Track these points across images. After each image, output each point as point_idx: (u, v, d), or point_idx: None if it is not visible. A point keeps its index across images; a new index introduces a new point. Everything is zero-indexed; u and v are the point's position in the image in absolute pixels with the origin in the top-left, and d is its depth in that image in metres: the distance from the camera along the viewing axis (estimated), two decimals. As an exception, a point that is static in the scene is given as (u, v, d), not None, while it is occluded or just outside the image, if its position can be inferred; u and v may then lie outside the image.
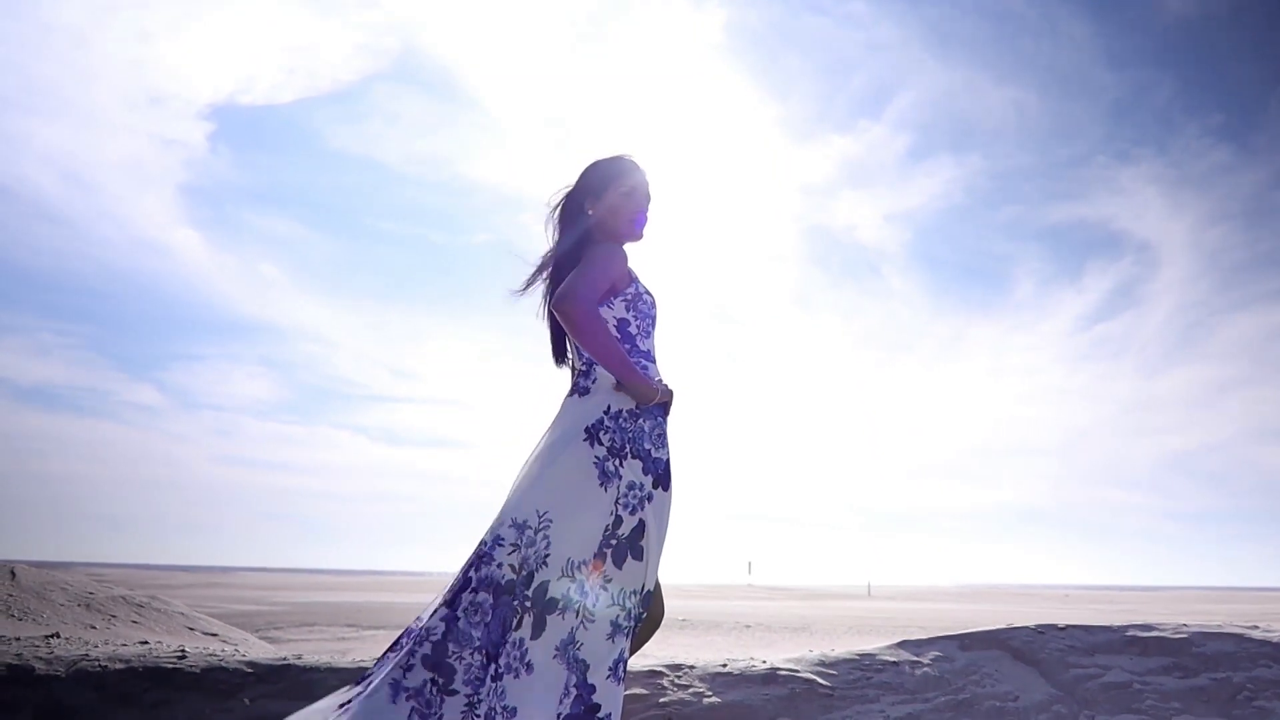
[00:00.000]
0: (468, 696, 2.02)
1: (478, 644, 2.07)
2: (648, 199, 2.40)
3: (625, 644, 2.13)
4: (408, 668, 2.04)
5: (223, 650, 3.37)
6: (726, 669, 3.09)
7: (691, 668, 3.09)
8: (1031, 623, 3.55)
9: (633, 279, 2.34)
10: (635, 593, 2.15)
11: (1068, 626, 3.53)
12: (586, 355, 2.28)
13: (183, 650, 3.23)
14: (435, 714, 2.01)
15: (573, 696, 2.03)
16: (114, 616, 5.03)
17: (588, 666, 2.06)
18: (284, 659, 3.18)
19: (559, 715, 2.01)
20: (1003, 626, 3.51)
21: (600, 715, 2.02)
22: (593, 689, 2.04)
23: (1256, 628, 3.72)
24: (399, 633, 2.22)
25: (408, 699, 2.01)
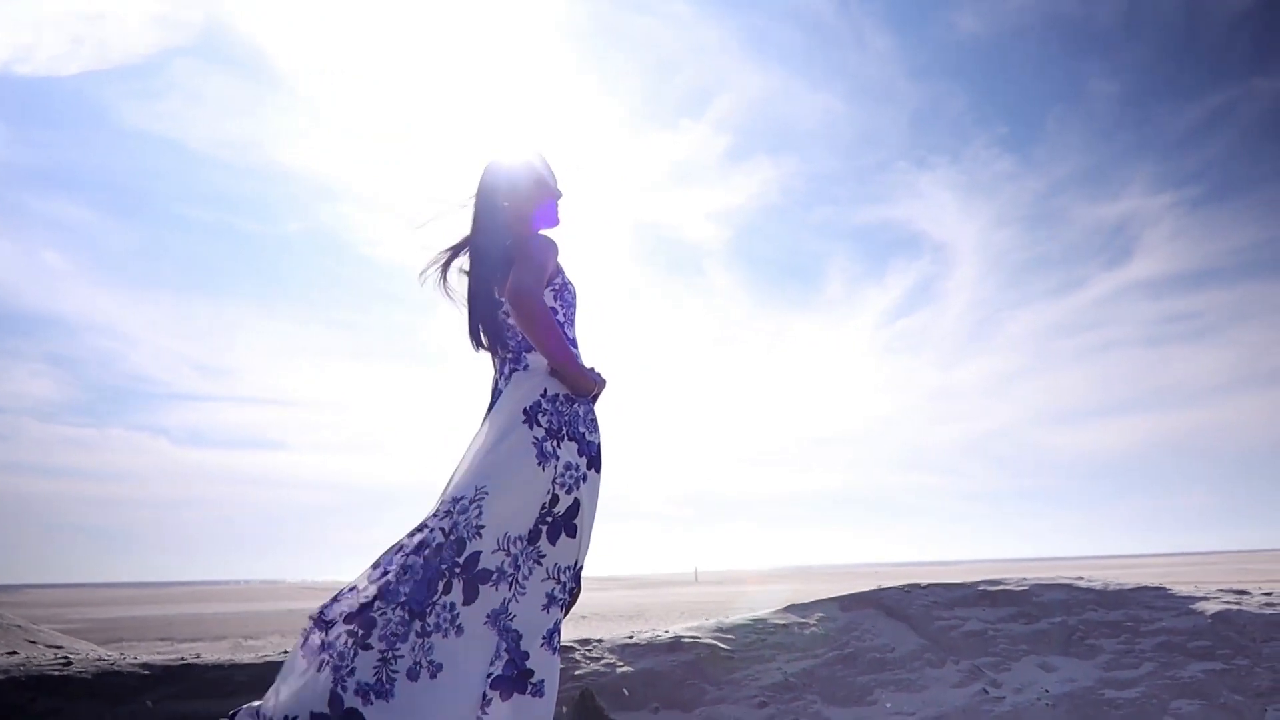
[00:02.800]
0: (381, 652, 2.05)
1: (403, 599, 2.10)
2: (558, 187, 2.51)
3: (559, 615, 2.24)
4: (328, 624, 2.07)
5: (108, 655, 3.22)
6: (633, 640, 3.25)
7: (600, 641, 3.24)
8: (901, 584, 3.93)
9: (559, 269, 2.44)
10: (568, 568, 2.26)
11: (930, 585, 3.93)
12: (517, 342, 2.36)
13: (66, 657, 3.07)
14: (349, 667, 2.04)
15: (504, 660, 2.11)
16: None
17: (520, 635, 2.15)
18: (182, 659, 3.09)
19: (489, 675, 2.10)
20: (875, 588, 3.86)
21: (534, 680, 2.12)
22: (526, 655, 2.14)
23: (1081, 578, 4.25)
24: (219, 642, 2.22)
25: (321, 650, 2.03)
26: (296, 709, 2.00)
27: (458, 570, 2.14)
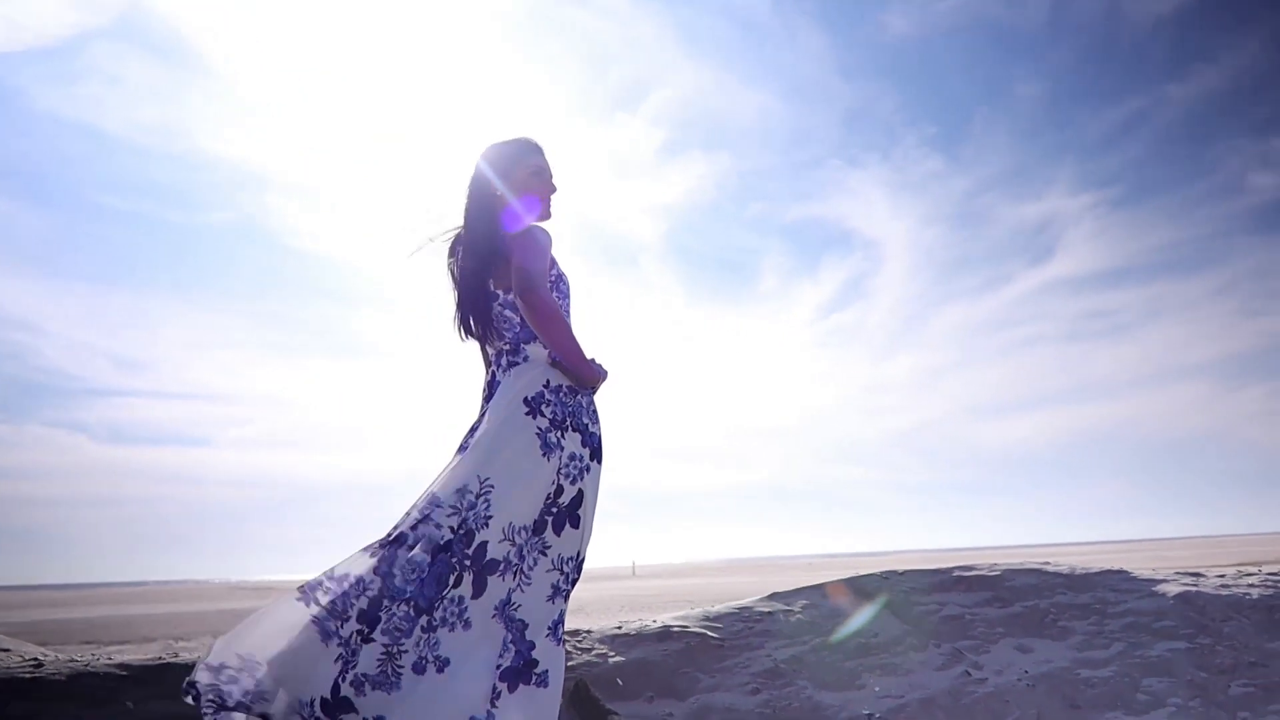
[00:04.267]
0: (385, 646, 2.03)
1: (408, 597, 2.07)
2: (553, 179, 2.48)
3: (564, 606, 2.24)
4: (344, 617, 2.01)
5: (80, 656, 3.10)
6: (623, 630, 3.25)
7: (589, 632, 3.23)
8: (878, 570, 3.99)
9: (554, 261, 2.42)
10: (572, 559, 2.25)
11: (907, 571, 4.00)
12: (514, 334, 2.34)
13: (37, 659, 2.95)
14: (354, 661, 2.02)
15: (511, 652, 2.11)
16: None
17: (525, 625, 2.15)
18: (160, 658, 2.99)
19: (498, 667, 2.09)
20: (854, 575, 3.92)
21: (539, 670, 2.12)
22: (531, 645, 2.13)
23: (1048, 563, 4.37)
24: (148, 644, 2.15)
25: (338, 645, 2.00)
26: (313, 691, 1.97)
27: (468, 563, 2.12)
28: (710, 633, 3.28)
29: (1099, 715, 3.16)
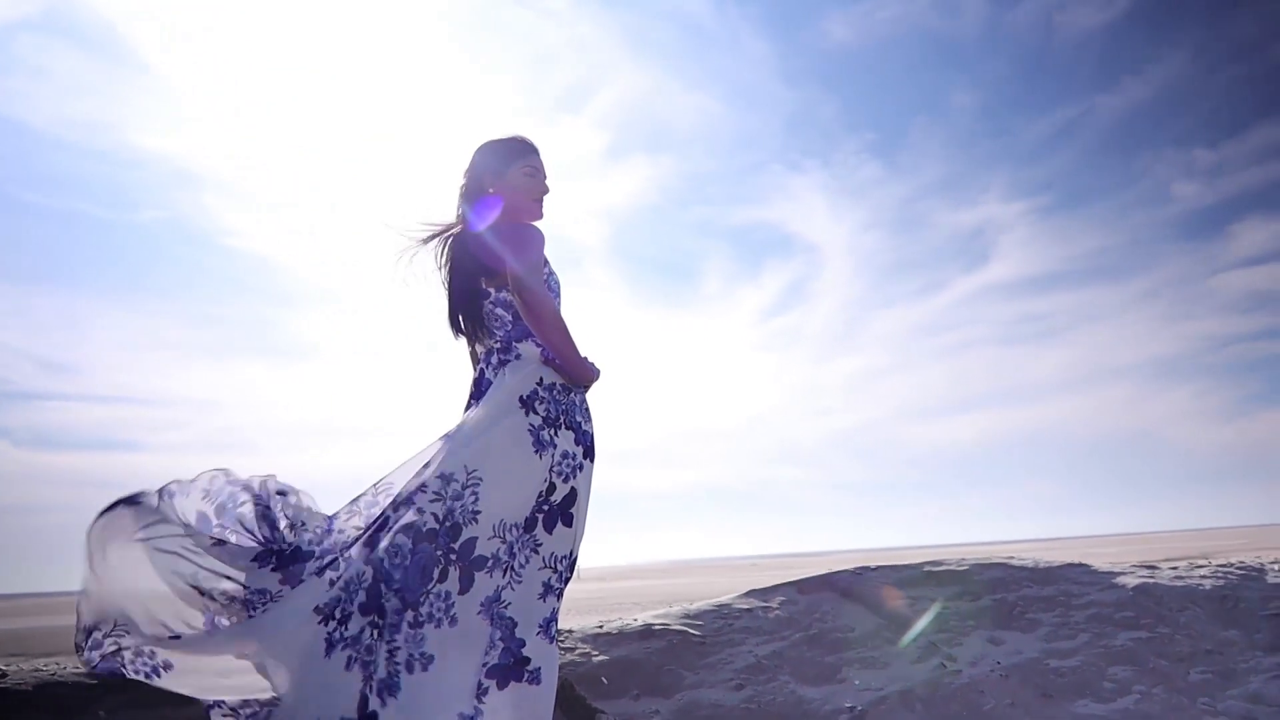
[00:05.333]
0: (388, 643, 2.00)
1: (396, 585, 2.04)
2: (546, 179, 2.47)
3: (556, 605, 2.22)
4: (344, 619, 1.95)
5: (44, 665, 3.00)
6: (604, 629, 3.24)
7: (571, 631, 3.22)
8: (851, 567, 4.05)
9: (546, 260, 2.41)
10: (564, 557, 2.24)
11: (879, 567, 4.07)
12: (506, 332, 2.32)
13: (1, 670, 2.84)
14: (374, 663, 1.95)
15: (499, 649, 2.08)
16: None
17: (515, 623, 2.12)
18: (131, 666, 2.90)
19: (484, 665, 2.06)
20: (828, 572, 3.97)
21: (530, 668, 2.09)
22: (522, 643, 2.11)
23: (1013, 558, 4.48)
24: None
25: (344, 648, 1.93)
26: (325, 712, 1.90)
27: (454, 557, 2.09)
28: (691, 630, 3.30)
29: (1070, 703, 3.25)
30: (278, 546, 2.07)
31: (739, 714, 2.87)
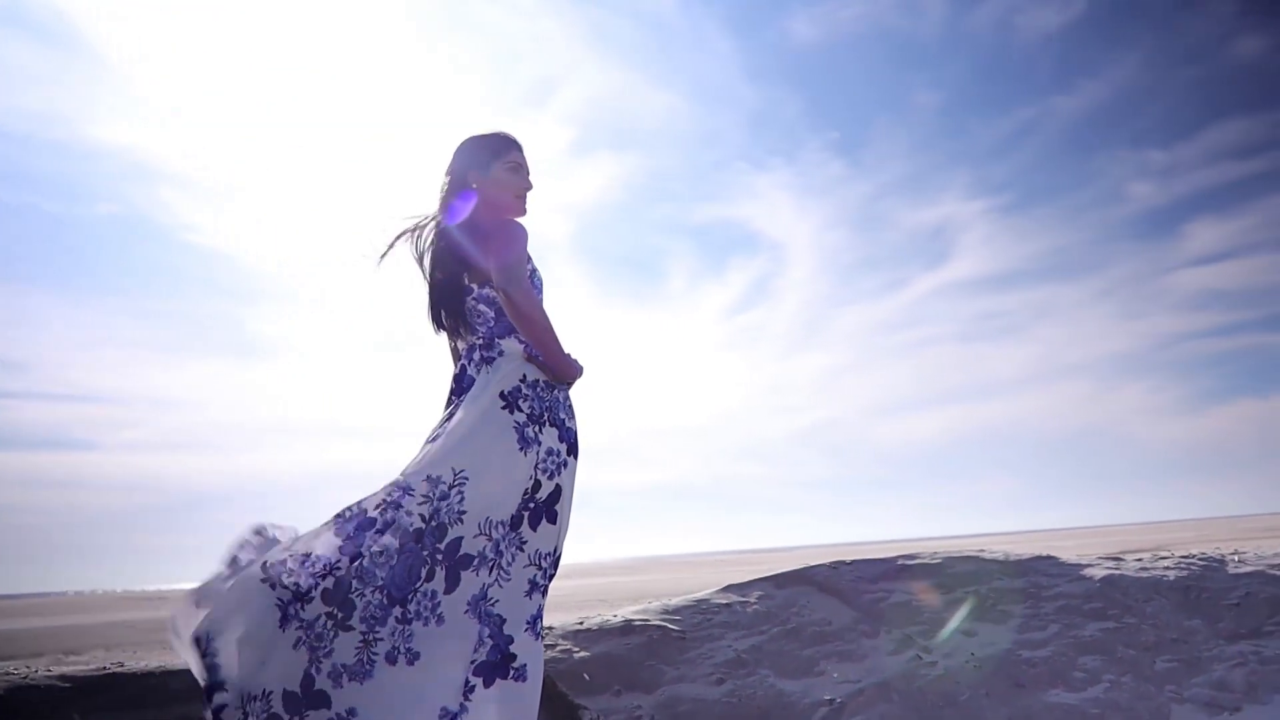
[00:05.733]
0: (363, 634, 2.01)
1: (380, 583, 2.04)
2: (529, 175, 2.47)
3: (542, 601, 2.23)
4: (305, 598, 1.97)
5: (14, 669, 2.94)
6: (584, 626, 3.25)
7: (551, 628, 3.22)
8: (827, 561, 4.10)
9: (529, 257, 2.40)
10: (549, 554, 2.24)
11: (854, 561, 4.12)
12: (488, 328, 2.32)
13: (-31, 674, 2.78)
14: (326, 648, 1.98)
15: (488, 646, 2.09)
16: None
17: (503, 620, 2.13)
18: (105, 669, 2.85)
19: (473, 662, 2.07)
20: (803, 566, 4.02)
21: (516, 665, 2.10)
22: (510, 639, 2.11)
23: (983, 551, 4.55)
24: (36, 659, 2.14)
25: (298, 628, 1.95)
26: (270, 683, 1.93)
27: (440, 557, 2.09)
28: (671, 625, 3.32)
29: (1042, 692, 3.32)
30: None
31: (720, 708, 2.90)
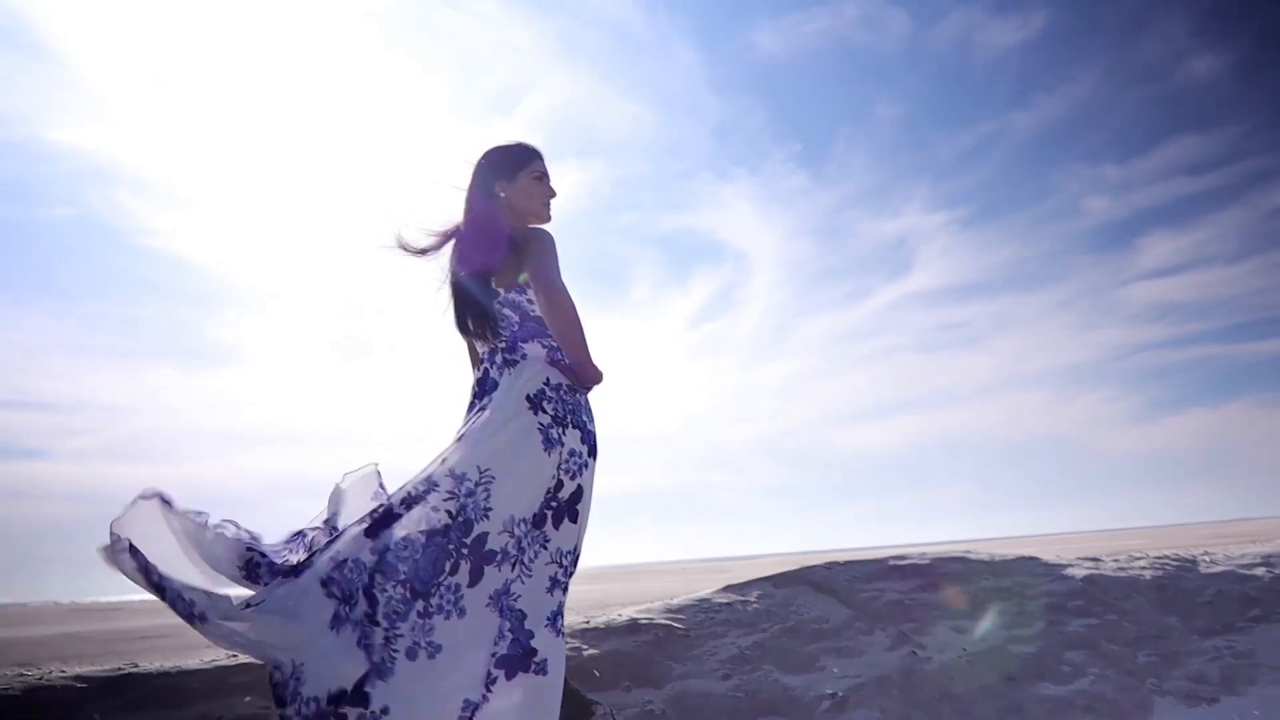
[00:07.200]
0: (385, 630, 2.07)
1: (402, 577, 2.11)
2: (551, 183, 2.55)
3: (562, 599, 2.30)
4: (347, 598, 2.06)
5: (28, 670, 2.94)
6: (590, 624, 3.32)
7: (559, 627, 3.28)
8: (822, 562, 4.20)
9: None
10: (569, 553, 2.32)
11: (848, 562, 4.23)
12: (512, 333, 2.40)
13: (-16, 675, 2.78)
14: (366, 643, 2.05)
15: (509, 640, 2.16)
16: None
17: (524, 615, 2.20)
18: (120, 669, 2.87)
19: (494, 655, 2.14)
20: (801, 567, 4.12)
21: (537, 660, 2.17)
22: (530, 634, 2.18)
23: (970, 552, 4.69)
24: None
25: (353, 629, 2.05)
26: (328, 681, 2.01)
27: (465, 551, 2.16)
28: (675, 624, 3.39)
29: (1031, 685, 3.45)
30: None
31: (728, 702, 2.98)
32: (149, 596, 2.05)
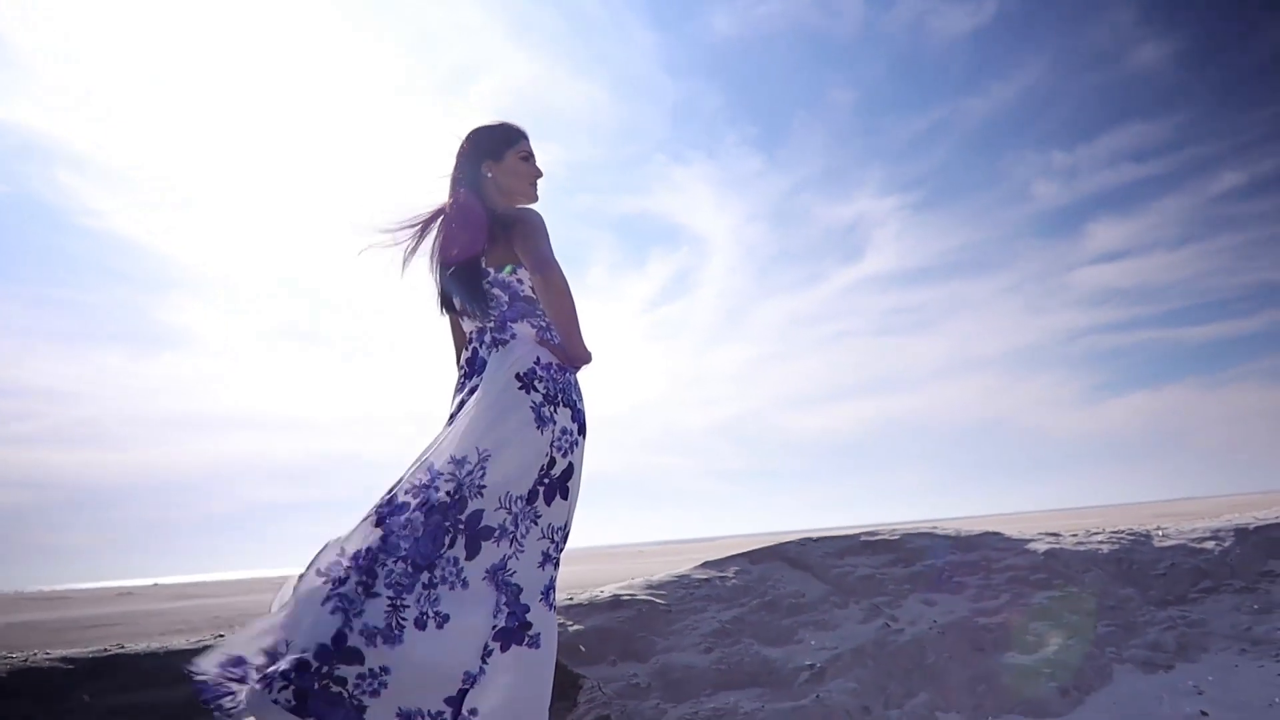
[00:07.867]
0: (390, 599, 2.11)
1: (404, 554, 2.16)
2: (538, 165, 2.58)
3: (554, 574, 2.35)
4: (340, 580, 2.11)
5: (12, 654, 2.93)
6: (574, 600, 3.38)
7: (543, 604, 3.34)
8: (796, 538, 4.30)
9: None
10: (560, 529, 2.37)
11: (821, 538, 4.33)
12: (501, 312, 2.42)
13: (-32, 658, 2.76)
14: (357, 610, 2.08)
15: (505, 613, 2.21)
16: None
17: (520, 589, 2.25)
18: (105, 650, 2.87)
19: (493, 628, 2.19)
20: (776, 543, 4.22)
21: (532, 633, 2.22)
22: (526, 608, 2.24)
23: (937, 528, 4.83)
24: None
25: (337, 601, 2.08)
26: (306, 643, 2.03)
27: (460, 526, 2.21)
28: (657, 600, 3.47)
29: (1000, 655, 3.58)
30: None
31: (712, 674, 3.06)
32: (93, 585, 2.06)
